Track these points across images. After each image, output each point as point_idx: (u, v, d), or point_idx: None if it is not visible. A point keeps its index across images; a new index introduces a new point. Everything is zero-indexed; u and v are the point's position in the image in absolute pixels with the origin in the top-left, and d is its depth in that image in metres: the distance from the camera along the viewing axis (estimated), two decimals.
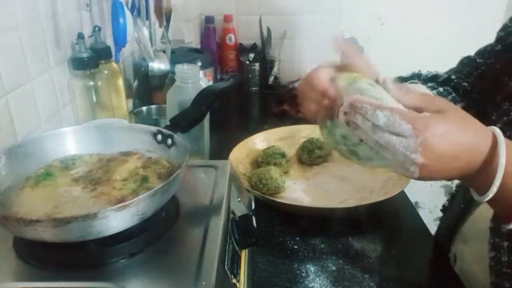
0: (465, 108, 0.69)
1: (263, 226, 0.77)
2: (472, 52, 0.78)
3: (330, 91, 0.53)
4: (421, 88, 0.69)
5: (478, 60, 0.75)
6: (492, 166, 0.44)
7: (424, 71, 0.74)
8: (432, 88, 0.70)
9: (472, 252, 0.66)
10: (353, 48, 0.57)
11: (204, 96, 0.68)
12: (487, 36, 0.73)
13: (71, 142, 0.60)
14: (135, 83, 1.19)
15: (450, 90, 0.72)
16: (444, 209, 0.82)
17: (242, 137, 1.03)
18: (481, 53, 0.76)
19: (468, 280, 0.66)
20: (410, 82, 0.71)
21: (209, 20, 1.64)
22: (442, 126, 0.43)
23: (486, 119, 0.65)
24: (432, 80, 0.73)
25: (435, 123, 0.43)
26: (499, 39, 0.71)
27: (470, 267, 0.67)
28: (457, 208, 0.72)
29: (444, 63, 0.79)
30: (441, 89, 0.71)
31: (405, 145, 0.43)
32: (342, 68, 0.56)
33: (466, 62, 0.77)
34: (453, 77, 0.73)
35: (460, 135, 0.44)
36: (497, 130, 0.45)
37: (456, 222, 0.71)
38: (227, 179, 0.62)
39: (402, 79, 0.73)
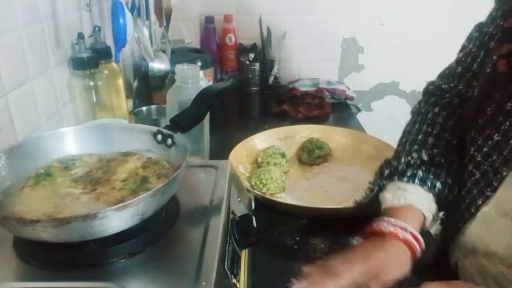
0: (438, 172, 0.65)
1: (263, 226, 0.77)
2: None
3: None
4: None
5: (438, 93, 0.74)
6: None
7: (400, 164, 0.67)
8: (411, 177, 0.65)
9: (474, 266, 0.65)
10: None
11: (204, 96, 0.68)
12: None
13: (71, 142, 0.60)
14: (135, 83, 1.19)
15: (416, 166, 0.67)
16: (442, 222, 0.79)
17: (242, 137, 1.03)
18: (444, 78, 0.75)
19: None
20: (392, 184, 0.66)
21: (209, 20, 1.64)
22: None
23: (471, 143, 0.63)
24: (407, 170, 0.67)
25: None
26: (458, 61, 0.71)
27: (472, 280, 0.66)
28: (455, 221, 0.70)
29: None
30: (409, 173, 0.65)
31: None
32: None
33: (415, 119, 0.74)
34: (413, 155, 0.67)
35: None
36: None
37: (454, 235, 0.69)
38: (227, 179, 0.62)
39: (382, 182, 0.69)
